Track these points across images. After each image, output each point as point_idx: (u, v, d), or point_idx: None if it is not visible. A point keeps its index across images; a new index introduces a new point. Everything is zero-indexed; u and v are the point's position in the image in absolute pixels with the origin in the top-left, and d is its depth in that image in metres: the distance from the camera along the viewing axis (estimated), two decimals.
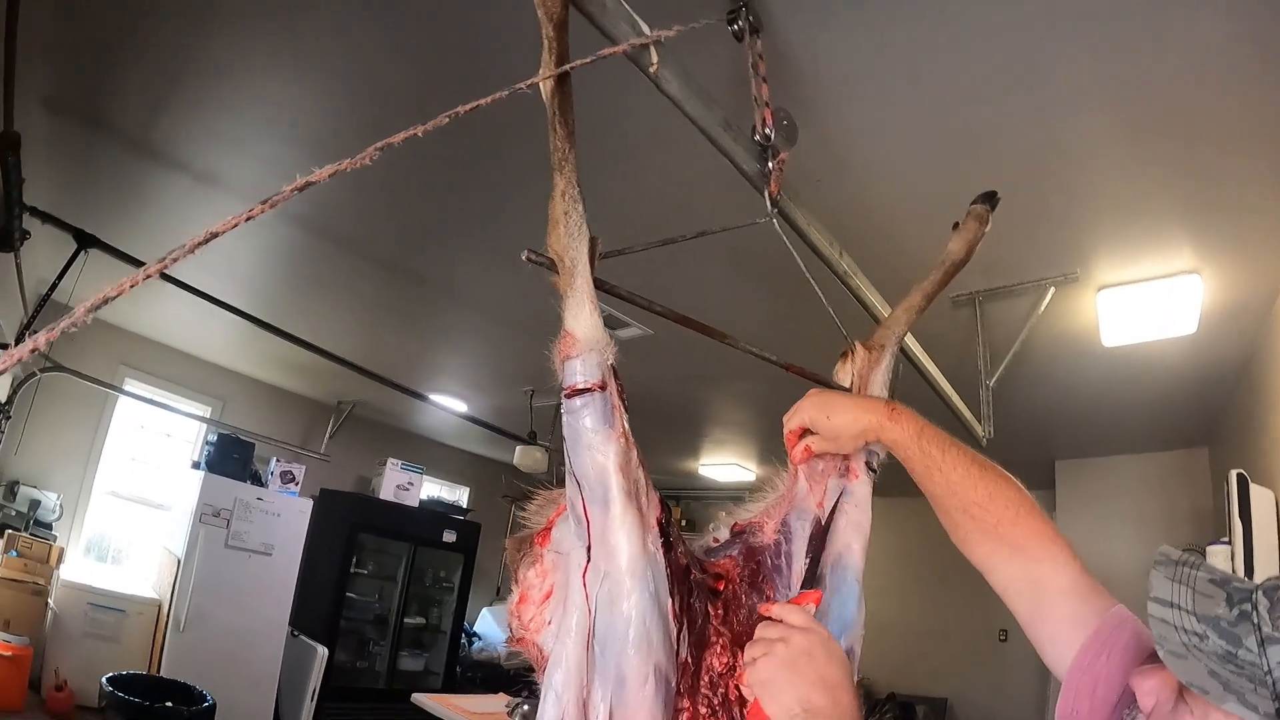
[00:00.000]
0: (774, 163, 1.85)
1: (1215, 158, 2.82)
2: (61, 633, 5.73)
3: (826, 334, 2.04)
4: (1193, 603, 0.87)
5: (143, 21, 2.91)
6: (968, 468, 1.28)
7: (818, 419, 1.44)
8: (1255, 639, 0.81)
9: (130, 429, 7.33)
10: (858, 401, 1.44)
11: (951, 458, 1.29)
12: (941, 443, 1.31)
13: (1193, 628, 0.85)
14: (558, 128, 1.27)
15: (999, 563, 1.25)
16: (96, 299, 0.62)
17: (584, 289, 1.24)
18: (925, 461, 1.30)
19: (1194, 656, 0.83)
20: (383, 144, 0.82)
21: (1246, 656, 0.81)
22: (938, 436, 1.32)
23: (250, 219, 0.72)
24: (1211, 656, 0.82)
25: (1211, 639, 0.83)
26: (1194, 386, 4.81)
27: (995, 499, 1.25)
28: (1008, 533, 1.23)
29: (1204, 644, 0.84)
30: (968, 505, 1.26)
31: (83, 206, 4.42)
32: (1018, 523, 1.23)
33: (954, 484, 1.28)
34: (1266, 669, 0.79)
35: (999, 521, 1.24)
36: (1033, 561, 1.21)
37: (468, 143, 3.30)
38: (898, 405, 1.37)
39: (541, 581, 1.31)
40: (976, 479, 1.27)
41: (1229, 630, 0.83)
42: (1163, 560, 0.93)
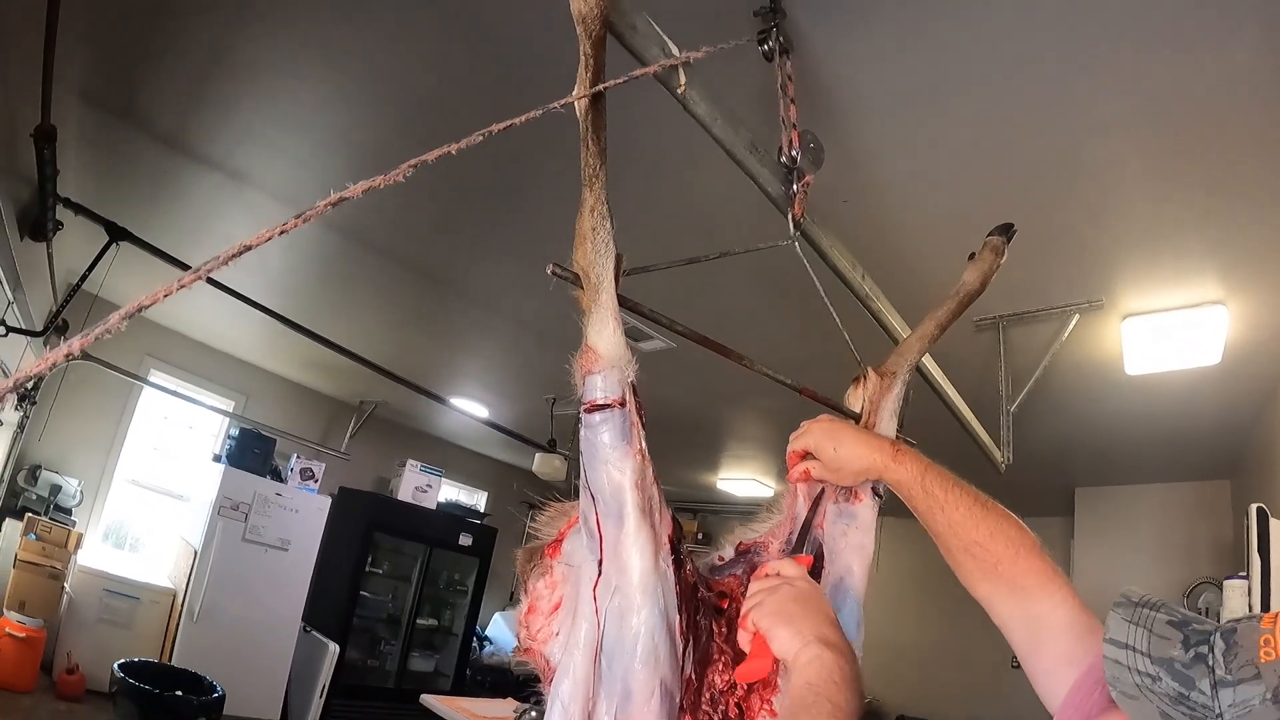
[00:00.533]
0: (799, 185, 1.86)
1: (1244, 187, 2.80)
2: (76, 617, 5.80)
3: (842, 356, 2.04)
4: (1148, 645, 0.87)
5: (180, 19, 2.96)
6: (970, 507, 1.30)
7: (823, 447, 1.45)
8: (1209, 681, 0.81)
9: (153, 419, 7.41)
10: (865, 439, 1.43)
11: (954, 497, 1.31)
12: (944, 483, 1.33)
13: (1146, 669, 0.85)
14: (590, 144, 1.28)
15: (999, 600, 1.26)
16: (131, 306, 0.64)
17: (608, 305, 1.25)
18: (928, 501, 1.33)
19: (1145, 698, 0.84)
20: (416, 161, 0.84)
21: (1199, 699, 0.80)
22: (941, 476, 1.34)
23: (284, 232, 0.74)
24: (1164, 698, 0.83)
25: (1165, 681, 0.83)
26: (1216, 418, 4.76)
27: (996, 538, 1.27)
28: (1008, 571, 1.25)
29: (1156, 685, 0.84)
30: (969, 544, 1.28)
31: (115, 200, 4.48)
32: (1017, 561, 1.25)
33: (956, 523, 1.30)
34: (1217, 712, 0.79)
35: (999, 560, 1.26)
36: (1031, 599, 1.23)
37: (499, 149, 3.31)
38: (903, 446, 1.39)
39: (551, 593, 1.32)
40: (979, 518, 1.29)
41: (1182, 672, 0.83)
42: (1123, 602, 0.93)
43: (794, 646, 1.11)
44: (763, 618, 1.16)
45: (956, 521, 1.30)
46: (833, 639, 1.12)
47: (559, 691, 1.21)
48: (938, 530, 1.33)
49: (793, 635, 1.12)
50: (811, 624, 1.13)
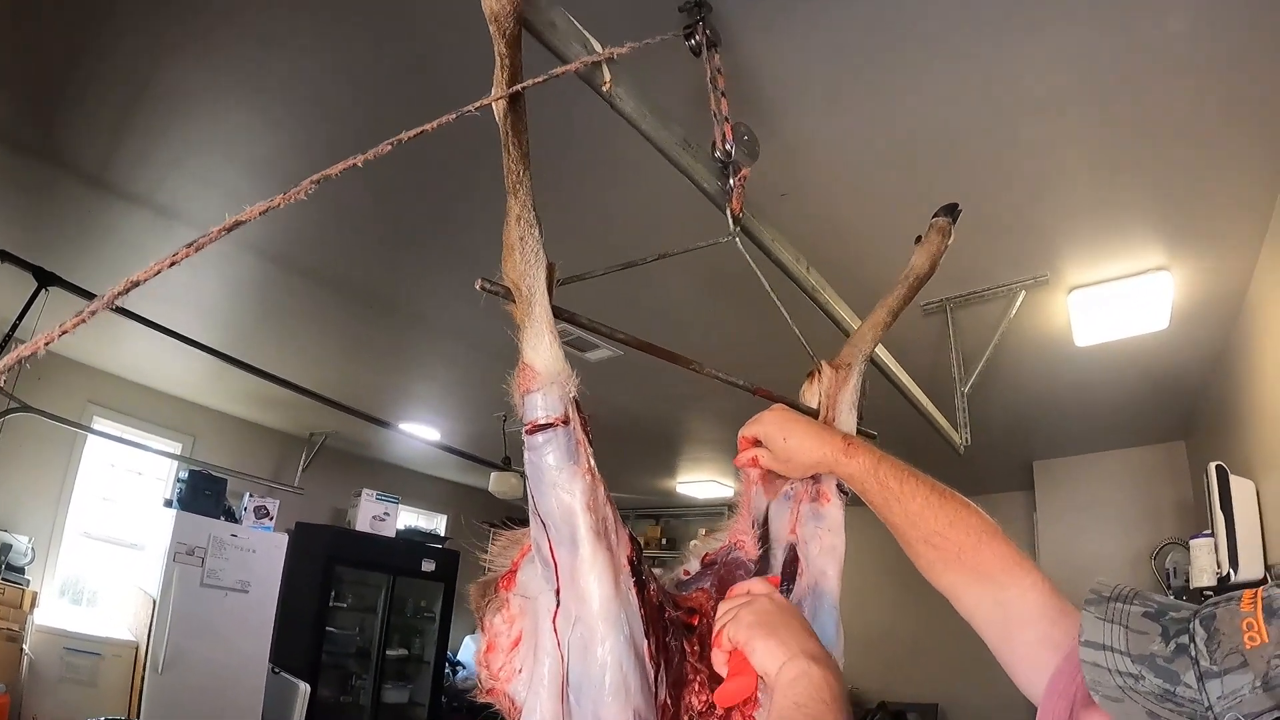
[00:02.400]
0: (735, 179, 1.82)
1: (1182, 155, 2.84)
2: (38, 679, 5.61)
3: (798, 351, 2.01)
4: (1126, 642, 0.83)
5: (96, 55, 2.87)
6: (926, 496, 1.26)
7: (773, 437, 1.42)
8: (1194, 674, 0.77)
9: (100, 468, 7.20)
10: (817, 431, 1.39)
11: (910, 488, 1.27)
12: (899, 474, 1.29)
13: (1127, 669, 0.81)
14: (511, 149, 1.22)
15: (963, 589, 1.23)
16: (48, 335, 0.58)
17: (542, 318, 1.19)
18: (884, 494, 1.29)
19: (1130, 699, 0.80)
20: (319, 176, 0.78)
21: (1186, 693, 0.76)
22: (895, 468, 1.30)
23: (174, 264, 0.68)
24: (1149, 697, 0.79)
25: (1148, 679, 0.79)
26: (1169, 381, 4.83)
27: (956, 526, 1.23)
28: (970, 559, 1.21)
29: (1140, 684, 0.79)
30: (928, 535, 1.25)
31: (42, 244, 4.34)
32: (980, 549, 1.21)
33: (913, 514, 1.26)
34: (1207, 704, 0.75)
35: (961, 549, 1.22)
36: (997, 586, 1.19)
37: (428, 165, 3.26)
38: (854, 439, 1.35)
39: (509, 628, 1.25)
40: (936, 508, 1.25)
41: (1165, 668, 0.79)
42: (1094, 599, 0.88)
43: (777, 660, 1.05)
44: (740, 631, 1.10)
45: (914, 512, 1.26)
46: (818, 653, 1.06)
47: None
48: (895, 523, 1.29)
49: (776, 648, 1.06)
50: (794, 636, 1.08)
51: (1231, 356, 4.17)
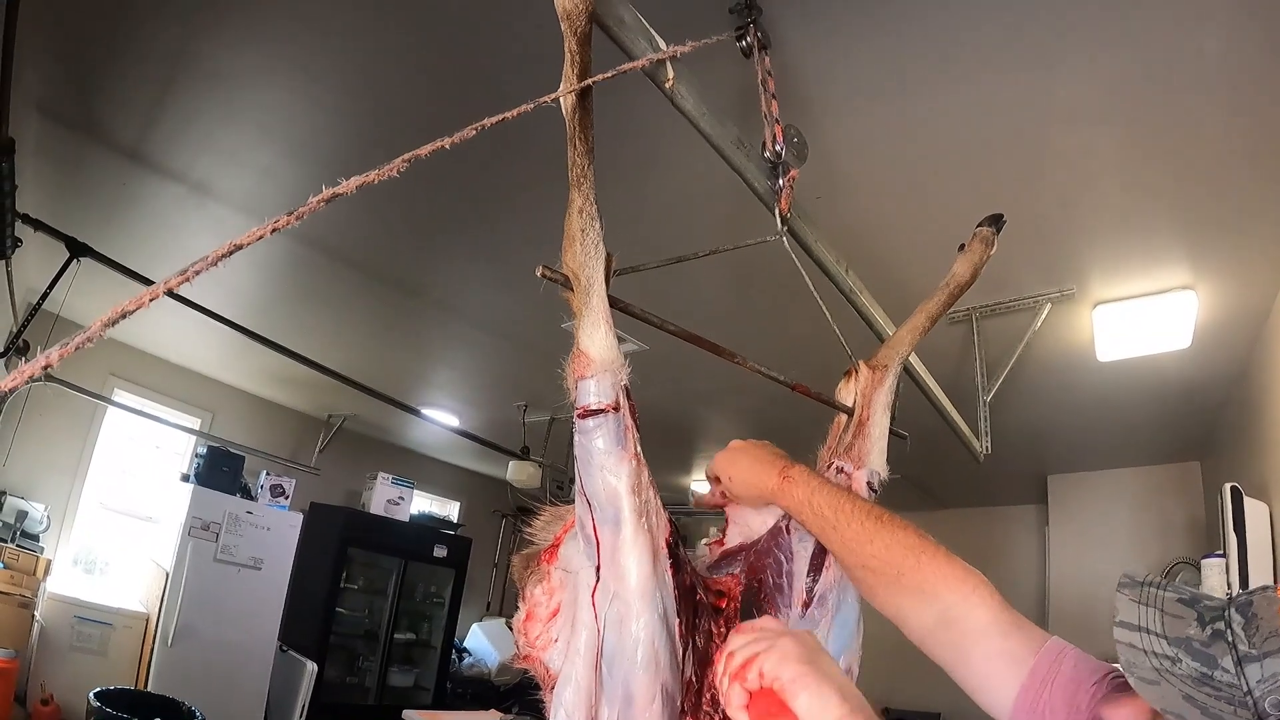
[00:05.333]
0: (784, 180, 1.84)
1: (1211, 175, 2.84)
2: (48, 646, 5.66)
3: (832, 352, 2.04)
4: (1162, 625, 0.83)
5: (141, 29, 2.90)
6: (862, 523, 1.23)
7: (723, 472, 1.53)
8: (1232, 658, 0.77)
9: (119, 440, 7.26)
10: (757, 466, 1.39)
11: (845, 516, 1.25)
12: (834, 501, 1.27)
13: (1163, 651, 0.81)
14: (578, 143, 1.25)
15: (909, 612, 1.19)
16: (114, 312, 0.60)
17: (599, 308, 1.22)
18: (820, 523, 1.27)
19: (1167, 681, 0.79)
20: (410, 156, 0.81)
21: (1223, 678, 0.77)
22: (830, 497, 1.28)
23: (276, 230, 0.71)
24: (1185, 680, 0.79)
25: (1185, 662, 0.80)
26: (1187, 400, 4.82)
27: (893, 548, 1.20)
28: (911, 580, 1.17)
29: (1176, 667, 0.80)
30: (866, 560, 1.22)
31: (75, 214, 4.39)
32: (920, 568, 1.17)
33: (849, 541, 1.24)
34: (1246, 689, 0.75)
35: (900, 570, 1.18)
36: (942, 603, 1.14)
37: (462, 156, 3.28)
38: (792, 469, 1.34)
39: (548, 599, 1.29)
40: (872, 532, 1.22)
41: (1202, 651, 0.79)
42: (1127, 583, 0.90)
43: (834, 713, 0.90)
44: (786, 668, 0.94)
45: (850, 539, 1.23)
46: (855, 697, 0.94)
47: (561, 699, 1.19)
48: (835, 551, 1.28)
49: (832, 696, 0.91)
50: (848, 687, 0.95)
51: (1251, 379, 4.17)
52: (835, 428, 1.76)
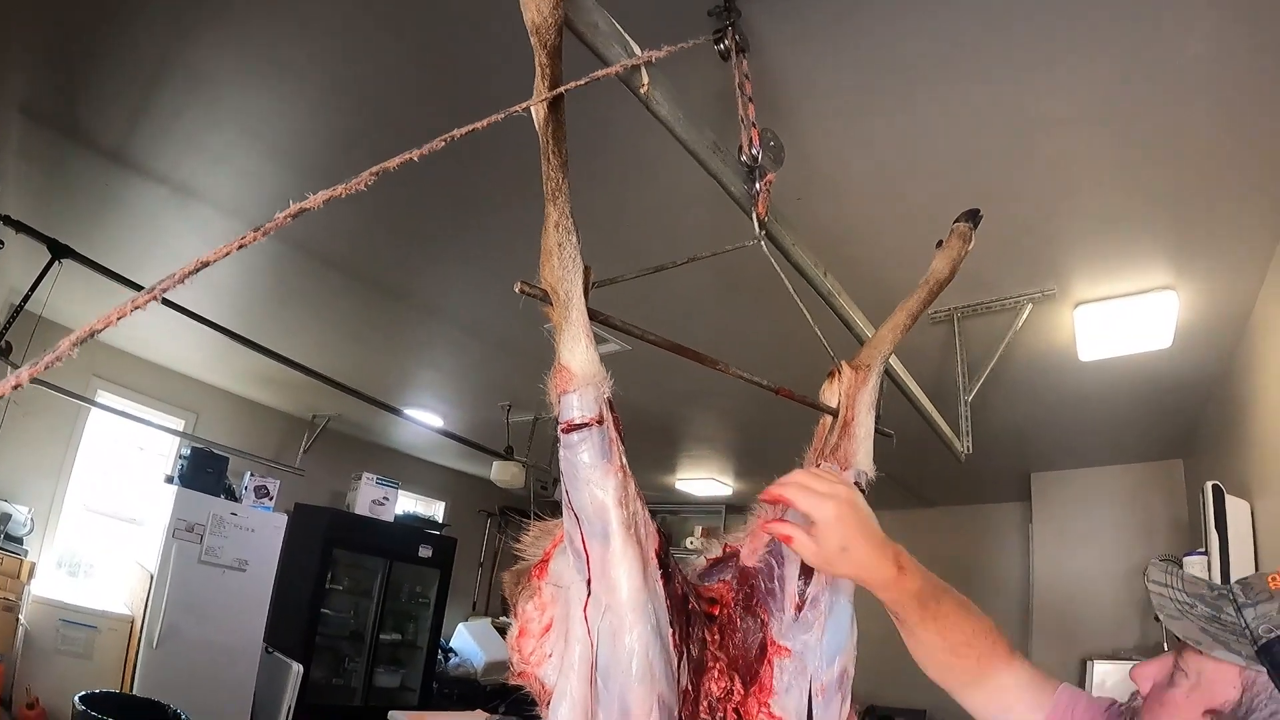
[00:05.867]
0: (761, 184, 1.85)
1: (1192, 177, 2.87)
2: (33, 649, 5.62)
3: (813, 353, 2.04)
4: (1182, 585, 1.13)
5: (123, 31, 2.89)
6: (953, 610, 1.30)
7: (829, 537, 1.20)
8: (1233, 608, 1.08)
9: (103, 442, 7.22)
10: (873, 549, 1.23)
11: (947, 607, 1.29)
12: (937, 592, 1.29)
13: (1183, 599, 1.11)
14: (551, 157, 1.24)
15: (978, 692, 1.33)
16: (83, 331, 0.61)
17: (579, 322, 1.22)
18: (922, 614, 1.27)
19: (1187, 619, 1.09)
20: (378, 168, 0.81)
21: (1228, 619, 1.07)
22: (934, 588, 1.28)
23: (243, 246, 0.71)
24: (1200, 618, 1.08)
25: (1200, 607, 1.10)
26: (1169, 399, 4.86)
27: (978, 635, 1.30)
28: (987, 666, 1.30)
29: (1193, 610, 1.09)
30: (955, 646, 1.29)
31: (58, 216, 4.36)
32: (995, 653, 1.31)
33: (945, 629, 1.29)
34: (1244, 625, 1.05)
35: (980, 655, 1.30)
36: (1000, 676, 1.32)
37: (444, 157, 3.27)
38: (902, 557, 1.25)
39: (540, 614, 1.29)
40: (961, 620, 1.30)
41: (1213, 602, 1.10)
42: (1155, 562, 1.18)
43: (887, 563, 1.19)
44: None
45: (947, 628, 1.28)
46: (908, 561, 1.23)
47: (558, 714, 1.19)
48: (923, 638, 1.29)
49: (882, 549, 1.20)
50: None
51: (1232, 378, 4.20)
52: (821, 429, 1.76)
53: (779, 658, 1.44)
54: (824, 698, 1.41)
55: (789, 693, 1.41)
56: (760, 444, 6.66)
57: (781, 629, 1.47)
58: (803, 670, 1.43)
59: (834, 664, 1.43)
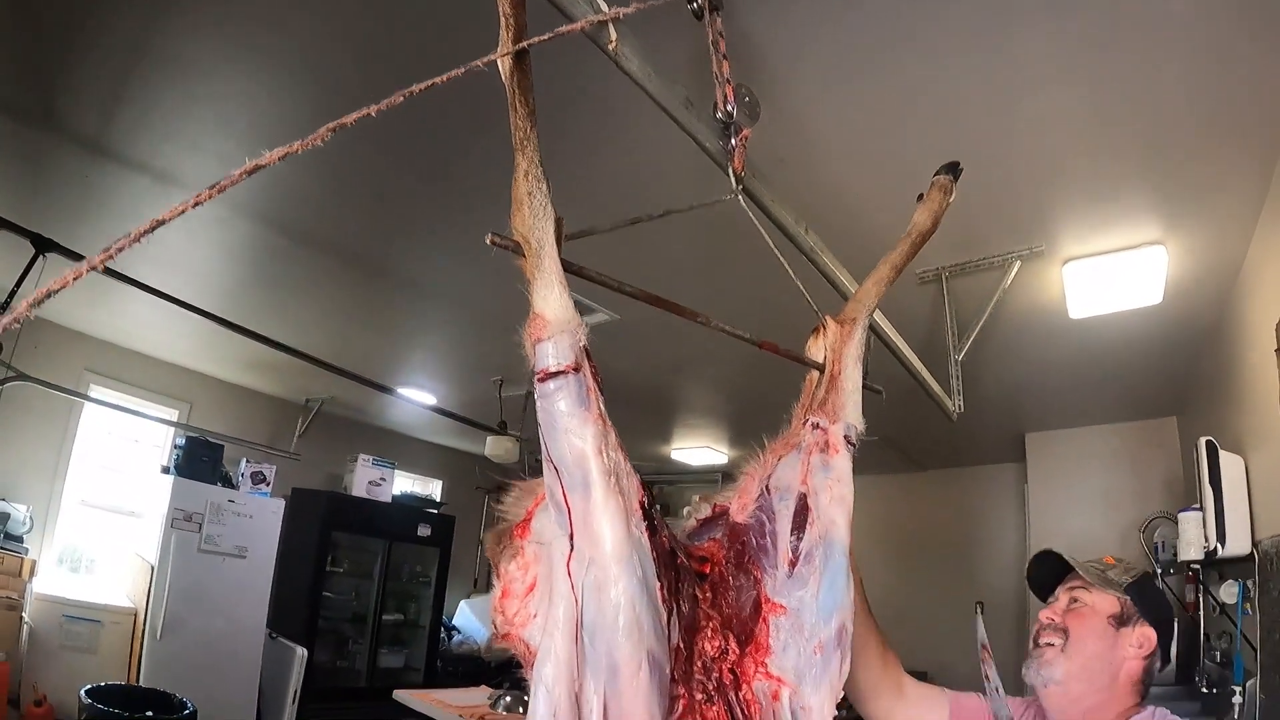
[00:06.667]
0: (737, 139, 1.82)
1: (1179, 131, 2.86)
2: (38, 646, 5.64)
3: (795, 313, 2.04)
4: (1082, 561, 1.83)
5: (94, 17, 2.85)
6: None
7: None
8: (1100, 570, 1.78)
9: (98, 436, 7.22)
10: None
11: None
12: None
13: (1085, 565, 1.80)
14: (518, 106, 1.22)
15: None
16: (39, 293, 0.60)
17: (551, 269, 1.19)
18: None
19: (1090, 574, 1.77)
20: (335, 124, 0.80)
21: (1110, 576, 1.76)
22: None
23: (199, 204, 0.70)
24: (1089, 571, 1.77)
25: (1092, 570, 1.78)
26: (1161, 356, 4.87)
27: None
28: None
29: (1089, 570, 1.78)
30: None
31: (39, 210, 4.33)
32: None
33: None
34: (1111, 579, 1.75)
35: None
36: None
37: (427, 133, 3.27)
38: None
39: (524, 574, 1.26)
40: None
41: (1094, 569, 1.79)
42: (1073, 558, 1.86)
43: None
44: None
45: None
46: None
47: (541, 675, 1.16)
48: None
49: None
50: None
51: (1224, 332, 4.20)
52: (808, 384, 1.75)
53: (774, 615, 1.43)
54: (822, 655, 1.39)
55: (786, 651, 1.39)
56: (753, 410, 6.65)
57: (776, 586, 1.45)
58: (799, 628, 1.41)
59: (831, 620, 1.40)
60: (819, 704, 1.36)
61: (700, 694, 1.27)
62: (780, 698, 1.36)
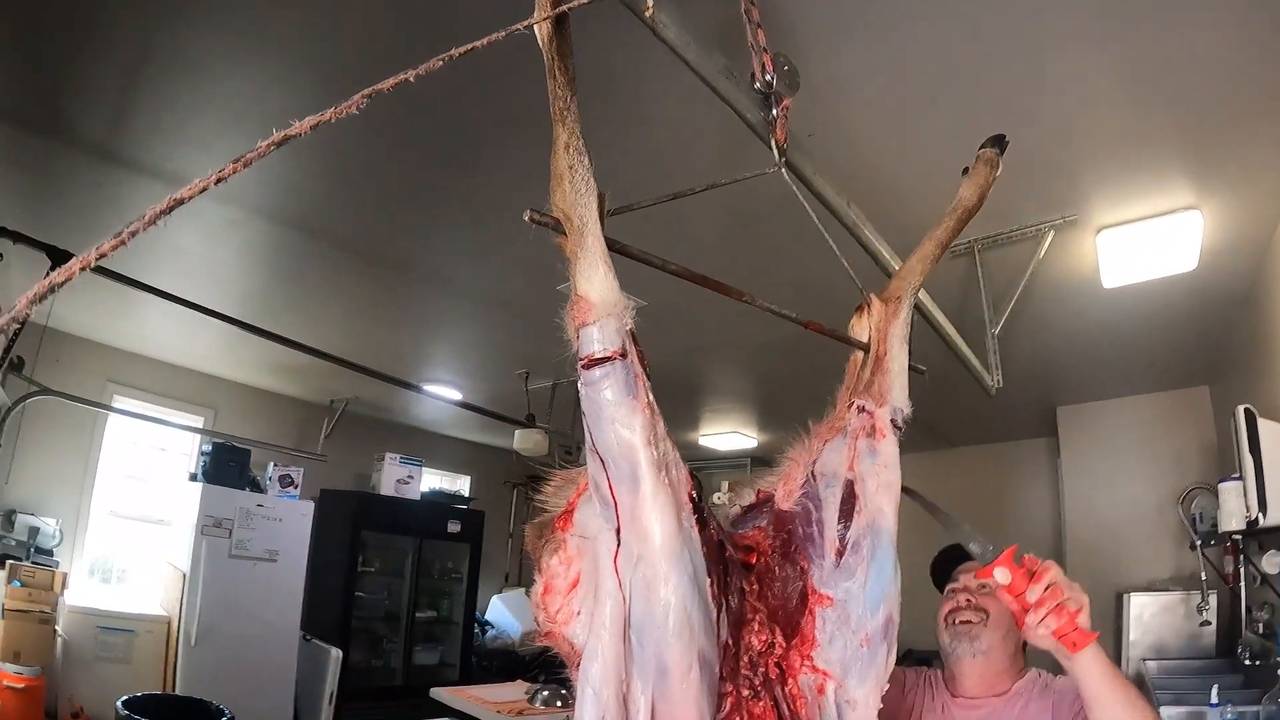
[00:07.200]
0: (778, 109, 1.75)
1: (1211, 92, 2.76)
2: (73, 659, 5.66)
3: (837, 293, 1.97)
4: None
5: (97, 22, 2.81)
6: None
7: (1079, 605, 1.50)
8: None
9: (124, 446, 7.23)
10: None
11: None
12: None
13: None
14: (557, 74, 1.15)
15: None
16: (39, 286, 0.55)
17: (596, 248, 1.13)
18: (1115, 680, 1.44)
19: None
20: (370, 91, 0.75)
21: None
22: None
23: (221, 180, 0.65)
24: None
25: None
26: (1194, 324, 4.76)
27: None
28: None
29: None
30: None
31: (53, 222, 4.30)
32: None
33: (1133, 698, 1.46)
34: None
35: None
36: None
37: (443, 124, 3.22)
38: None
39: (566, 569, 1.21)
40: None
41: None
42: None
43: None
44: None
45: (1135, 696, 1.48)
46: None
47: (589, 676, 1.10)
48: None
49: None
50: None
51: (1260, 299, 4.11)
52: (852, 366, 1.68)
53: (820, 607, 1.37)
54: (869, 647, 1.33)
55: (832, 644, 1.34)
56: (782, 394, 6.58)
57: (822, 576, 1.39)
58: (846, 619, 1.35)
59: (879, 611, 1.35)
60: (864, 697, 1.31)
61: (746, 690, 1.22)
62: (825, 691, 1.31)
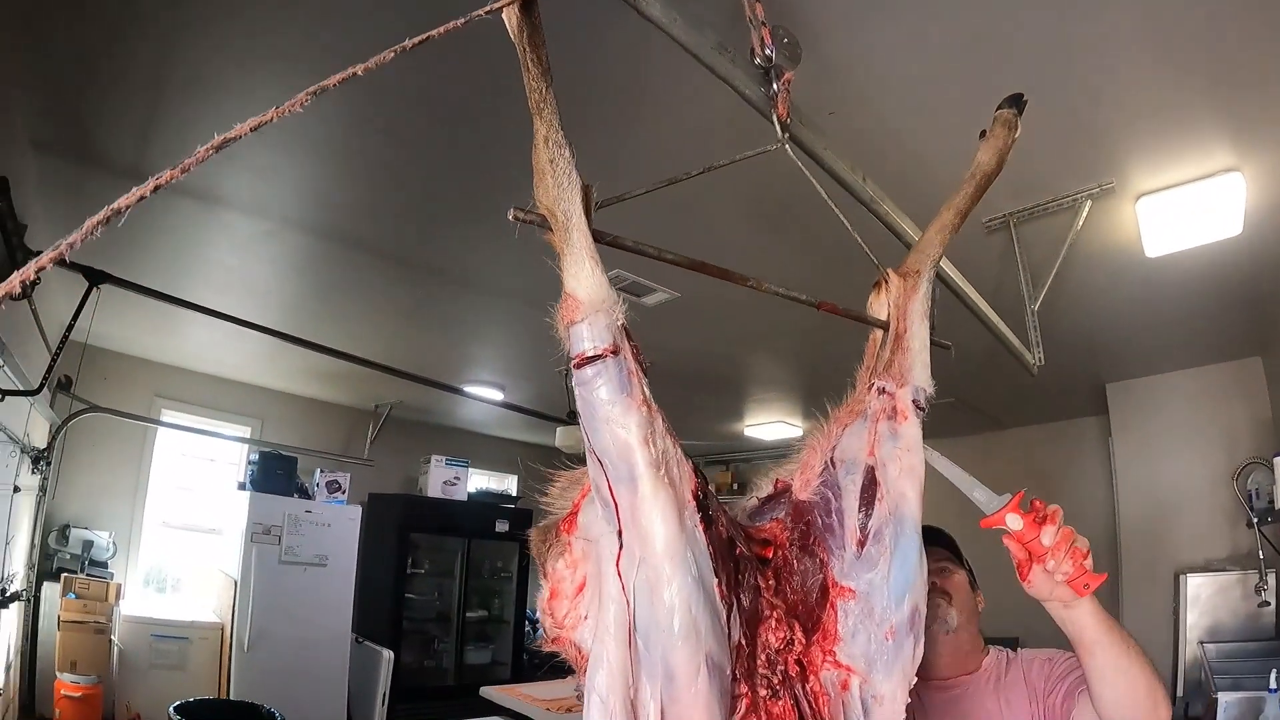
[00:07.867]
0: (779, 84, 1.68)
1: (1247, 48, 2.64)
2: (128, 667, 5.78)
3: (853, 273, 1.91)
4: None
5: (117, 46, 2.83)
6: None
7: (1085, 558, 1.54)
8: None
9: (173, 458, 7.36)
10: None
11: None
12: None
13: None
14: (530, 65, 1.12)
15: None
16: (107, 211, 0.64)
17: (581, 243, 1.10)
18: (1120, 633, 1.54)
19: None
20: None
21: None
22: None
23: (260, 126, 0.70)
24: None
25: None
26: (1243, 292, 4.60)
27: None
28: None
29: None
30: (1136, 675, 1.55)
31: (89, 244, 4.26)
32: None
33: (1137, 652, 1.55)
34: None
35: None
36: None
37: (469, 127, 3.22)
38: None
39: (572, 573, 1.18)
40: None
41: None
42: None
43: None
44: None
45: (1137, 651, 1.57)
46: None
47: (595, 683, 1.08)
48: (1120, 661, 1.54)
49: None
50: None
51: None
52: (871, 345, 1.63)
53: (842, 600, 1.32)
54: (894, 640, 1.28)
55: (855, 638, 1.29)
56: (825, 379, 6.46)
57: (844, 568, 1.34)
58: (869, 612, 1.30)
59: (904, 603, 1.30)
60: (891, 692, 1.27)
61: (765, 689, 1.18)
62: (850, 687, 1.27)
